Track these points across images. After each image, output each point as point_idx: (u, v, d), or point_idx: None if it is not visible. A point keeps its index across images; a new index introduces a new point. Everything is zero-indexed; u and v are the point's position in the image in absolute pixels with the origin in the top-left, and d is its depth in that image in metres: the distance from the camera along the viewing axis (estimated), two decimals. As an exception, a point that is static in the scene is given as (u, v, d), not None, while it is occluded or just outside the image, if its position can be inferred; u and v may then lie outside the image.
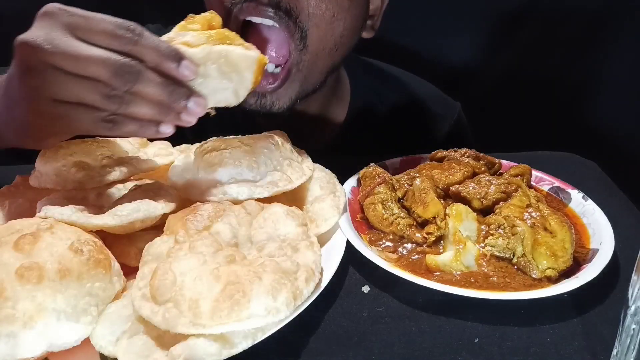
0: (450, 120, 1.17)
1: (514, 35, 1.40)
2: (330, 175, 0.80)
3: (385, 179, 0.78)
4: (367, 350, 0.57)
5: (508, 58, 1.43)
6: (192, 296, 0.52)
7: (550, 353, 0.56)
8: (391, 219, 0.74)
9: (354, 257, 0.68)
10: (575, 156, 0.98)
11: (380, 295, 0.65)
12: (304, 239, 0.64)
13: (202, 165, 0.72)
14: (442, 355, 0.56)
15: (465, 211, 0.70)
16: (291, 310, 0.55)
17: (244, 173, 0.71)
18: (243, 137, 0.76)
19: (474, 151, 0.87)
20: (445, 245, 0.69)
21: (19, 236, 0.56)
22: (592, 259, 0.65)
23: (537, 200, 0.73)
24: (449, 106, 1.19)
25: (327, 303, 0.63)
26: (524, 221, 0.67)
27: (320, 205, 0.73)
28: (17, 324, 0.51)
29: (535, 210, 0.69)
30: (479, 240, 0.68)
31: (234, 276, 0.54)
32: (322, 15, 0.84)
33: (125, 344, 0.53)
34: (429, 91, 1.20)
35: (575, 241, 0.67)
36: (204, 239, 0.59)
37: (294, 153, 0.79)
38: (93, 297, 0.56)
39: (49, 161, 0.69)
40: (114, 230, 0.64)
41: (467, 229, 0.69)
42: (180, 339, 0.52)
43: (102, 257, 0.58)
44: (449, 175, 0.79)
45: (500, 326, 0.59)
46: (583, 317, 0.60)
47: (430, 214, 0.72)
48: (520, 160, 0.88)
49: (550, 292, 0.60)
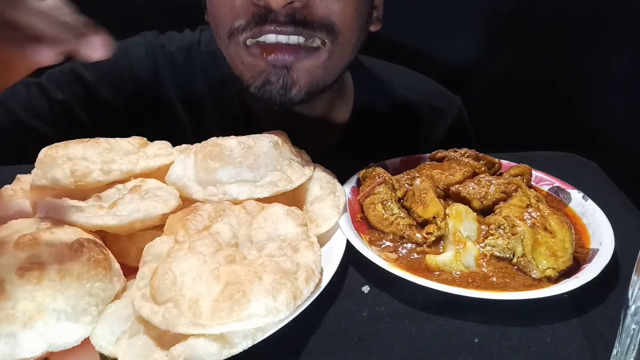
0: (452, 114, 1.17)
1: (514, 35, 1.40)
2: (330, 175, 0.80)
3: (385, 179, 0.79)
4: (367, 350, 0.57)
5: (508, 58, 1.43)
6: (192, 296, 0.52)
7: (550, 353, 0.56)
8: (391, 219, 0.73)
9: (354, 257, 0.68)
10: (575, 156, 0.98)
11: (380, 295, 0.65)
12: (304, 239, 0.64)
13: (202, 165, 0.72)
14: (442, 355, 0.56)
15: (465, 211, 0.70)
16: (291, 310, 0.55)
17: (244, 173, 0.71)
18: (243, 137, 0.76)
19: (474, 151, 0.87)
20: (445, 245, 0.69)
21: (19, 236, 0.56)
22: (592, 259, 0.65)
23: (537, 200, 0.73)
24: (450, 101, 1.19)
25: (327, 303, 0.63)
26: (524, 221, 0.67)
27: (320, 205, 0.73)
28: (17, 324, 0.51)
29: (535, 210, 0.69)
30: (478, 240, 0.68)
31: (234, 276, 0.54)
32: (342, 10, 0.82)
33: (125, 344, 0.53)
34: (431, 86, 1.20)
35: (575, 241, 0.67)
36: (204, 239, 0.59)
37: (293, 153, 0.79)
38: (93, 297, 0.56)
39: (48, 162, 0.69)
40: (114, 230, 0.64)
41: (467, 229, 0.69)
42: (180, 339, 0.52)
43: (102, 257, 0.58)
44: (449, 175, 0.79)
45: (500, 326, 0.59)
46: (583, 317, 0.60)
47: (430, 214, 0.72)
48: (520, 160, 0.88)
49: (550, 292, 0.60)
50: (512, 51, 1.42)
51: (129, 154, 0.74)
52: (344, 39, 0.85)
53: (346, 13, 0.83)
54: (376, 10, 0.97)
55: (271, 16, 0.80)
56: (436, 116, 1.16)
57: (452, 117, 1.17)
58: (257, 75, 0.87)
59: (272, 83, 0.86)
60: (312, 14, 0.81)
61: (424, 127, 1.16)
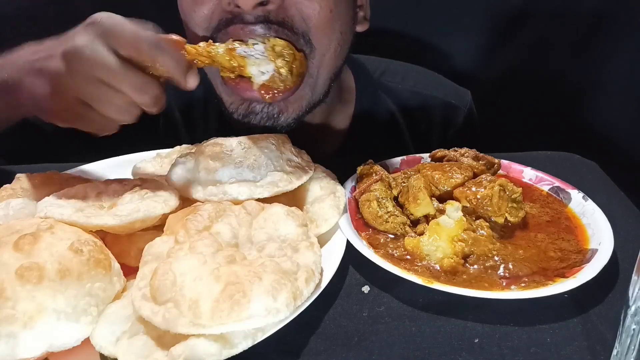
0: (464, 110, 1.14)
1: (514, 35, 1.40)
2: (330, 175, 0.80)
3: (382, 177, 0.78)
4: (367, 350, 0.57)
5: (508, 58, 1.43)
6: (192, 296, 0.52)
7: (550, 353, 0.56)
8: (385, 217, 0.74)
9: (354, 257, 0.68)
10: (575, 156, 0.98)
11: (380, 295, 0.65)
12: (304, 239, 0.64)
13: (202, 165, 0.72)
14: (442, 355, 0.56)
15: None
16: (291, 310, 0.55)
17: (245, 173, 0.71)
18: (243, 137, 0.76)
19: (474, 151, 0.87)
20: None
21: (19, 236, 0.56)
22: (591, 259, 0.65)
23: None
24: (460, 94, 1.16)
25: (327, 303, 0.63)
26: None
27: (320, 206, 0.73)
28: (17, 324, 0.51)
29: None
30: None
31: (234, 276, 0.54)
32: (317, 14, 0.80)
33: (125, 344, 0.53)
34: (439, 81, 1.18)
35: (572, 242, 0.69)
36: (204, 239, 0.59)
37: (294, 153, 0.79)
38: (93, 297, 0.56)
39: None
40: (114, 230, 0.64)
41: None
42: (181, 339, 0.52)
43: (102, 257, 0.58)
44: (450, 177, 0.79)
45: (500, 326, 0.59)
46: (583, 317, 0.61)
47: (421, 213, 0.73)
48: (520, 161, 0.88)
49: (550, 292, 0.60)
50: (513, 51, 1.42)
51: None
52: (322, 48, 0.82)
53: (322, 16, 0.80)
54: (362, 10, 0.94)
55: (239, 18, 0.77)
56: (448, 112, 1.13)
57: (464, 113, 1.14)
58: (238, 103, 0.84)
59: (257, 113, 0.83)
60: (288, 16, 0.78)
61: (436, 124, 1.13)
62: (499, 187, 0.72)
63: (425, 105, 1.13)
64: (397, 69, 1.16)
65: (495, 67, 1.44)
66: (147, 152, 0.91)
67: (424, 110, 1.13)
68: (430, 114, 1.13)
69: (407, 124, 1.12)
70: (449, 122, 1.14)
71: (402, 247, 0.69)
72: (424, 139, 1.13)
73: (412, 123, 1.12)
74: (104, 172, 0.86)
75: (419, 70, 1.19)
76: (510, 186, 0.73)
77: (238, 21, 0.77)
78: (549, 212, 0.78)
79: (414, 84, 1.14)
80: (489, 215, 0.72)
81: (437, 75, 1.19)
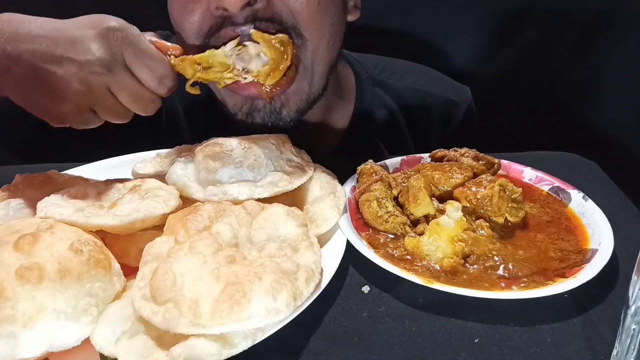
0: (463, 105, 1.14)
1: (515, 35, 1.40)
2: (330, 175, 0.80)
3: (382, 177, 0.78)
4: (367, 350, 0.57)
5: (508, 58, 1.43)
6: (192, 296, 0.52)
7: (550, 353, 0.56)
8: (385, 217, 0.74)
9: (354, 257, 0.68)
10: (575, 156, 0.98)
11: (380, 295, 0.65)
12: (304, 239, 0.64)
13: (202, 165, 0.72)
14: (442, 355, 0.56)
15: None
16: (291, 310, 0.55)
17: (245, 173, 0.71)
18: (243, 137, 0.76)
19: (474, 151, 0.87)
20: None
21: (19, 236, 0.56)
22: (591, 259, 0.65)
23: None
24: (460, 91, 1.16)
25: (327, 303, 0.63)
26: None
27: (320, 206, 0.73)
28: (17, 324, 0.51)
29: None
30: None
31: (234, 276, 0.54)
32: (305, 7, 0.80)
33: (125, 344, 0.53)
34: (439, 78, 1.18)
35: (572, 242, 0.69)
36: (204, 239, 0.59)
37: (294, 153, 0.79)
38: (93, 297, 0.56)
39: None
40: (114, 230, 0.64)
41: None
42: (181, 339, 0.52)
43: (102, 257, 0.58)
44: (450, 177, 0.79)
45: (500, 326, 0.59)
46: (583, 317, 0.60)
47: (421, 213, 0.73)
48: (520, 161, 0.88)
49: (550, 292, 0.60)
50: (513, 51, 1.42)
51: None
52: (314, 40, 0.83)
53: (310, 8, 0.80)
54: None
55: (229, 21, 0.78)
56: (448, 108, 1.14)
57: (464, 110, 1.14)
58: (241, 102, 0.85)
59: (260, 109, 0.85)
60: (276, 12, 0.79)
61: (436, 120, 1.13)
62: (499, 187, 0.72)
63: (425, 102, 1.13)
64: (396, 66, 1.16)
65: (495, 67, 1.44)
66: (147, 152, 0.91)
67: (424, 107, 1.13)
68: (430, 111, 1.13)
69: (407, 121, 1.12)
70: (448, 119, 1.14)
71: (402, 247, 0.69)
72: (423, 135, 1.14)
73: (411, 120, 1.13)
74: (104, 172, 0.86)
75: (418, 67, 1.19)
76: (510, 186, 0.73)
77: (228, 24, 0.79)
78: (549, 212, 0.78)
79: (413, 81, 1.14)
80: (489, 215, 0.72)
81: (436, 73, 1.19)
